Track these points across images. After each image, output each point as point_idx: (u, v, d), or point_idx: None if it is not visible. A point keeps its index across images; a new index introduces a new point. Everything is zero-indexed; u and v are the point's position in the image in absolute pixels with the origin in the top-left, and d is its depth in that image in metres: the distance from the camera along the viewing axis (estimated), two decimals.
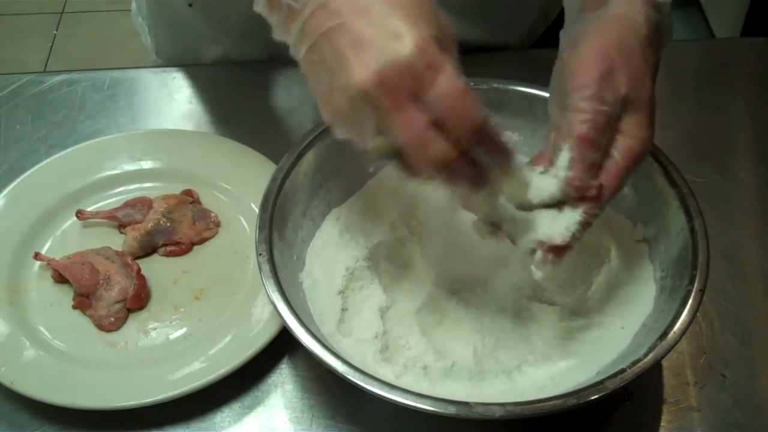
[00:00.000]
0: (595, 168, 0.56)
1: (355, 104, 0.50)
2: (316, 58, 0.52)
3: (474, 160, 0.52)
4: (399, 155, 0.52)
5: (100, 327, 0.69)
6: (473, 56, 0.88)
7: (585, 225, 0.57)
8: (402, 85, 0.49)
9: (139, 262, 0.72)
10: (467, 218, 0.71)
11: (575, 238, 0.57)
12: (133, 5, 1.00)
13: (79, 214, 0.75)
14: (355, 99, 0.50)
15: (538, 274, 0.58)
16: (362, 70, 0.49)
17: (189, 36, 0.93)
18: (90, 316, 0.69)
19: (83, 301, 0.70)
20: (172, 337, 0.68)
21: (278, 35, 0.55)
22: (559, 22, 0.97)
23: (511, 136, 0.54)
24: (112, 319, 0.69)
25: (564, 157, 0.56)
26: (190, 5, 0.89)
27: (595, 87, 0.56)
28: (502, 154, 0.53)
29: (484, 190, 0.55)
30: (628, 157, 0.57)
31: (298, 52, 0.53)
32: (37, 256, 0.72)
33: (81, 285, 0.70)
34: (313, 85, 0.53)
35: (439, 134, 0.50)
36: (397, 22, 0.49)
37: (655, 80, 0.58)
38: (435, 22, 0.51)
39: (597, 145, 0.56)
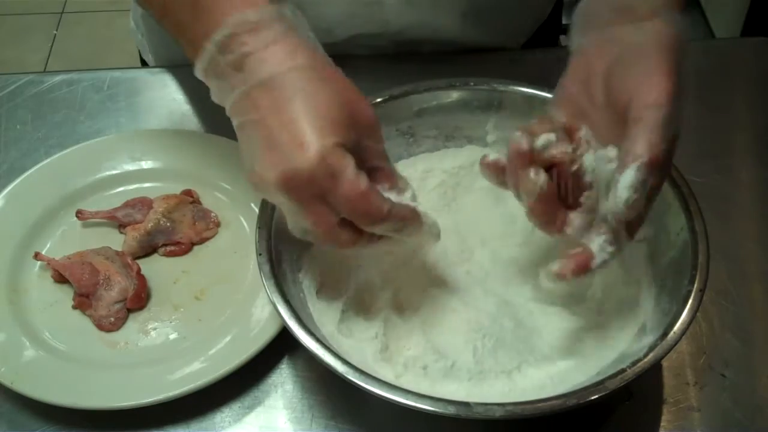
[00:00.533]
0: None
1: (269, 193, 0.55)
2: (243, 135, 0.57)
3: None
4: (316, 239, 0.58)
5: (100, 327, 0.69)
6: (473, 57, 0.89)
7: (618, 251, 0.57)
8: (306, 189, 0.53)
9: (139, 262, 0.72)
10: (467, 218, 0.71)
11: (603, 264, 0.57)
12: (131, 23, 1.00)
13: (79, 214, 0.75)
14: (270, 189, 0.54)
15: (545, 282, 0.58)
16: (273, 170, 0.53)
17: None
18: (90, 316, 0.69)
19: (83, 301, 0.70)
20: (172, 337, 0.68)
21: (215, 100, 0.59)
22: (549, 22, 0.98)
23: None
24: (112, 319, 0.69)
25: (629, 176, 0.53)
26: None
27: (668, 110, 0.54)
28: (412, 222, 0.58)
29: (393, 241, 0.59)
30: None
31: (231, 120, 0.58)
32: (37, 256, 0.72)
33: (81, 285, 0.70)
34: (242, 154, 0.57)
35: (346, 226, 0.56)
36: (305, 128, 0.53)
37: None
38: (348, 121, 0.54)
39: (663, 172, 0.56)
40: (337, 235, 0.56)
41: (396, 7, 0.83)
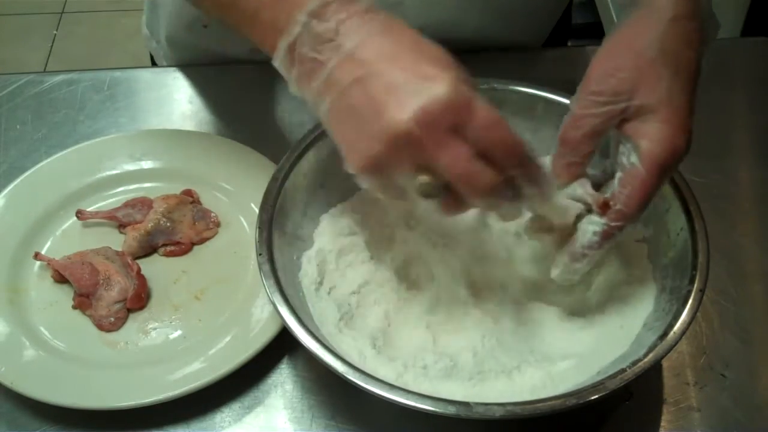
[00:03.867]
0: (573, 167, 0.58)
1: (395, 144, 0.51)
2: (344, 105, 0.53)
3: (512, 183, 0.54)
4: (442, 192, 0.54)
5: (100, 327, 0.69)
6: (482, 56, 0.89)
7: (604, 236, 0.58)
8: (442, 122, 0.50)
9: (139, 262, 0.72)
10: (467, 217, 0.71)
11: (592, 247, 0.58)
12: (144, 30, 0.99)
13: (79, 214, 0.75)
14: (396, 140, 0.51)
15: (555, 272, 0.60)
16: (401, 111, 0.50)
17: (205, 53, 0.93)
18: (90, 316, 0.69)
19: (83, 301, 0.70)
20: (172, 337, 0.68)
21: (296, 89, 0.56)
22: (559, 23, 0.98)
23: (544, 161, 0.57)
24: (112, 319, 0.69)
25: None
26: (205, 27, 0.89)
27: (595, 86, 0.56)
28: (539, 176, 0.55)
29: (523, 201, 0.57)
30: (650, 163, 0.56)
31: (321, 104, 0.54)
32: (37, 256, 0.72)
33: (81, 285, 0.70)
34: (340, 135, 0.54)
35: (485, 164, 0.52)
36: (427, 67, 0.51)
37: (695, 80, 0.58)
38: (458, 67, 0.53)
39: (578, 146, 0.58)
40: (478, 173, 0.52)
41: (415, 9, 0.83)
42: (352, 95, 0.52)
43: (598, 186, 0.60)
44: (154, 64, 1.02)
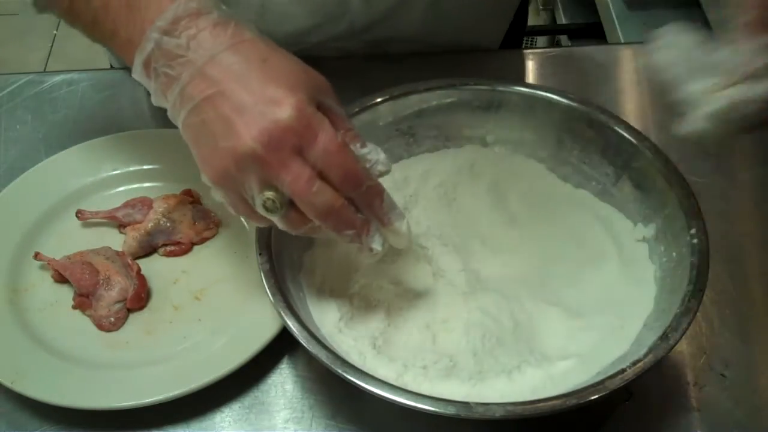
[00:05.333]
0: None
1: (241, 162, 0.54)
2: (197, 120, 0.55)
3: (357, 209, 0.57)
4: (286, 208, 0.56)
5: (100, 327, 0.69)
6: (466, 56, 0.89)
7: None
8: (285, 144, 0.53)
9: (139, 262, 0.72)
10: (467, 218, 0.71)
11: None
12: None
13: (79, 215, 0.75)
14: (243, 157, 0.54)
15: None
16: (247, 131, 0.53)
17: None
18: (90, 316, 0.69)
19: (83, 301, 0.70)
20: (172, 337, 0.68)
21: (156, 101, 0.58)
22: (515, 25, 0.97)
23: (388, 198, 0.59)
24: (112, 319, 0.69)
25: None
26: None
27: None
28: (376, 203, 0.58)
29: (369, 235, 0.59)
30: None
31: (177, 117, 0.57)
32: (37, 256, 0.72)
33: (81, 285, 0.70)
34: (195, 147, 0.57)
35: (325, 184, 0.55)
36: (274, 88, 0.54)
37: None
38: (309, 83, 0.55)
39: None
40: (317, 191, 0.55)
41: (358, 5, 0.83)
42: (203, 112, 0.55)
43: None
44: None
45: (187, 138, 0.57)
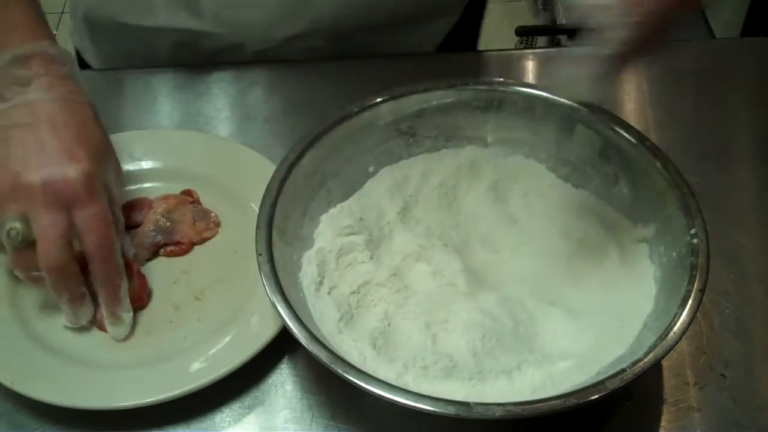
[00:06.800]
0: None
1: (17, 189, 0.61)
2: (2, 136, 0.63)
3: (85, 284, 0.65)
4: (24, 245, 0.62)
5: (101, 327, 0.69)
6: (466, 57, 0.89)
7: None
8: (61, 195, 0.61)
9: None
10: (467, 218, 0.72)
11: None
12: (71, 25, 0.99)
13: None
14: (21, 185, 0.60)
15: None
16: (38, 168, 0.61)
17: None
18: None
19: None
20: (172, 337, 0.68)
21: None
22: (466, 27, 0.98)
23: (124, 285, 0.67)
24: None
25: None
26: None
27: None
28: (110, 285, 0.65)
29: (82, 308, 0.65)
30: None
31: None
32: None
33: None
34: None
35: (69, 247, 0.62)
36: (80, 149, 0.63)
37: None
38: (110, 163, 0.67)
39: None
40: (59, 247, 0.61)
41: None
42: (10, 133, 0.63)
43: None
44: (82, 63, 1.00)
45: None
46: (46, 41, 0.66)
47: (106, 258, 0.64)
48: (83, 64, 1.00)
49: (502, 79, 0.73)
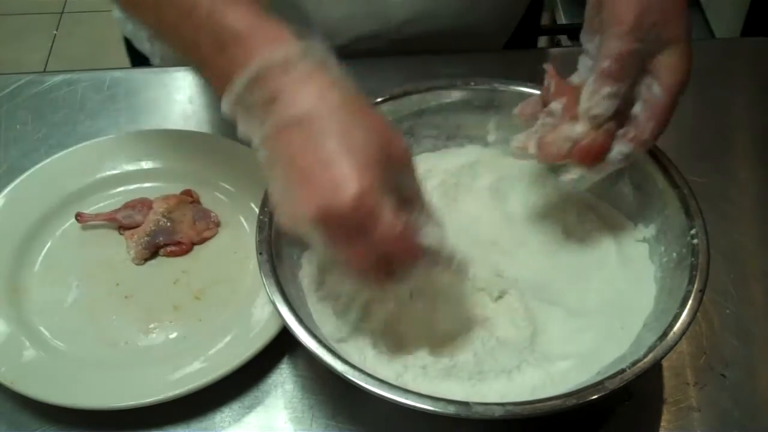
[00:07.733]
0: (613, 98, 0.61)
1: (300, 229, 0.54)
2: (275, 173, 0.55)
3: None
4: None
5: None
6: (463, 56, 0.89)
7: (629, 158, 0.63)
8: (343, 227, 0.53)
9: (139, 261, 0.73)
10: (467, 218, 0.71)
11: (613, 164, 0.63)
12: (116, 12, 0.97)
13: (79, 218, 0.75)
14: (301, 226, 0.54)
15: (568, 177, 0.64)
16: (307, 205, 0.52)
17: None
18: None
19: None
20: (172, 337, 0.68)
21: (241, 136, 0.57)
22: (527, 24, 0.98)
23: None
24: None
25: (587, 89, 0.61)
26: None
27: (630, 26, 0.60)
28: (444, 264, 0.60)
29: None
30: (671, 89, 0.61)
31: (259, 155, 0.55)
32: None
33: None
34: (272, 190, 0.56)
35: (380, 266, 0.56)
36: (342, 168, 0.52)
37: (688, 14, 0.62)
38: (384, 161, 0.53)
39: (618, 78, 0.61)
40: (374, 273, 0.56)
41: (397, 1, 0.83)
42: (279, 166, 0.54)
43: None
44: (129, 48, 1.00)
45: (266, 177, 0.56)
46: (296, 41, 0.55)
47: (412, 264, 0.58)
48: (134, 53, 0.99)
49: (502, 79, 0.73)
